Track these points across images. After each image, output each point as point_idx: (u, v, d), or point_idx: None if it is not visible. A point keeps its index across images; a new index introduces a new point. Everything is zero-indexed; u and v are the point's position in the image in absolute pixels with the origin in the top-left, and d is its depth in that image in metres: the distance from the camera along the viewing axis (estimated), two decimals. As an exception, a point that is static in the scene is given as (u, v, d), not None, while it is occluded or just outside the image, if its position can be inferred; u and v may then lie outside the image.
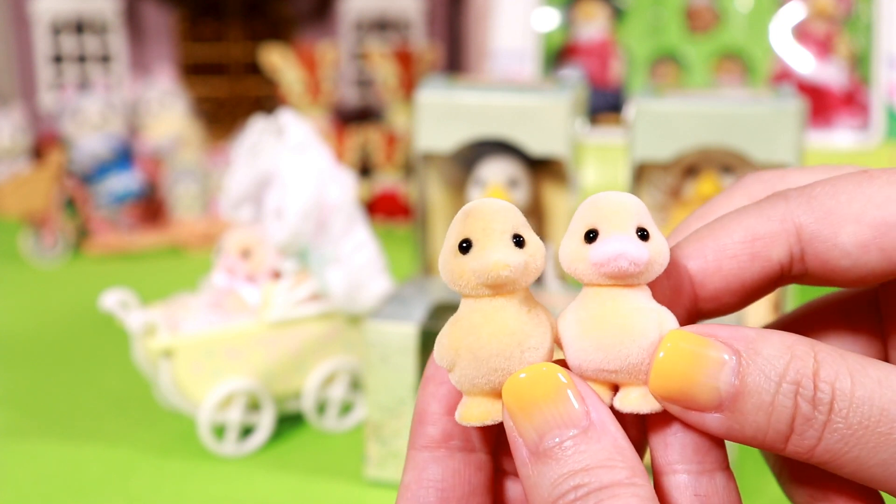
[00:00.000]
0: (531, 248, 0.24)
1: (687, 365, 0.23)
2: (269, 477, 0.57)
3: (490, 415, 0.24)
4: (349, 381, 0.62)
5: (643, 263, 0.23)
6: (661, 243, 0.24)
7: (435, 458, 0.25)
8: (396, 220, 1.08)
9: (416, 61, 1.11)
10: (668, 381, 0.23)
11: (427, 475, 0.25)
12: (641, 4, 1.04)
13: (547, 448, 0.22)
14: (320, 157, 0.61)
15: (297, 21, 1.33)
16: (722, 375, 0.22)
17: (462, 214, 0.24)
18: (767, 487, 0.55)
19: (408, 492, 0.25)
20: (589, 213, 0.24)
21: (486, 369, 0.23)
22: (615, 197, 0.24)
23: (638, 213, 0.24)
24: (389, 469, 0.55)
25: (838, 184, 0.24)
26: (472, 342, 0.24)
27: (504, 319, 0.24)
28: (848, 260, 0.24)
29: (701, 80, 1.02)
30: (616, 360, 0.23)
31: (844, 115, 1.00)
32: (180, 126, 1.07)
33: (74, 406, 0.66)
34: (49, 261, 0.96)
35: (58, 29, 1.27)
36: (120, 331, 0.67)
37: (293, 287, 0.61)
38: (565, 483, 0.22)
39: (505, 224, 0.24)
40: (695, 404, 0.23)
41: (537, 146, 0.62)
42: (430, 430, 0.25)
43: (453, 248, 0.24)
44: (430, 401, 0.25)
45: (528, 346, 0.23)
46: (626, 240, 0.23)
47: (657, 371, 0.23)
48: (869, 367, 0.22)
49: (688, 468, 0.24)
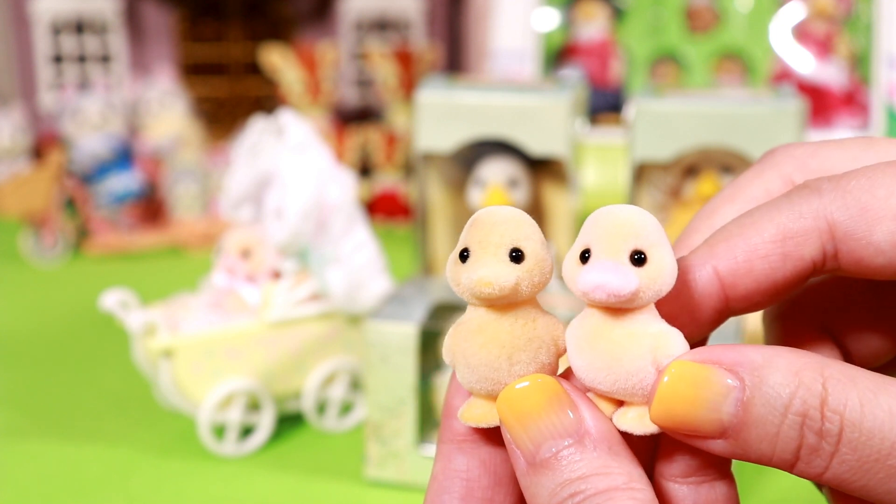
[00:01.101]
0: (529, 264, 0.23)
1: (689, 396, 0.22)
2: (269, 477, 0.57)
3: (487, 418, 0.24)
4: (349, 381, 0.62)
5: (626, 294, 0.22)
6: (659, 268, 0.22)
7: (461, 450, 0.25)
8: (396, 220, 1.08)
9: (416, 61, 1.11)
10: (670, 412, 0.22)
11: (453, 466, 0.25)
12: (641, 4, 1.04)
13: (543, 458, 0.23)
14: (320, 157, 0.61)
15: (297, 21, 1.33)
16: (725, 406, 0.22)
17: (470, 222, 0.24)
18: (768, 487, 0.55)
19: (435, 482, 0.25)
20: (588, 231, 0.23)
21: (477, 377, 0.24)
22: (616, 214, 0.23)
23: (637, 235, 0.23)
24: (389, 469, 0.55)
25: (875, 177, 0.23)
26: (465, 349, 0.24)
27: (496, 332, 0.24)
28: (883, 258, 0.23)
29: (701, 80, 1.02)
30: (606, 382, 0.23)
31: (844, 115, 1.00)
32: (180, 126, 1.07)
33: (74, 406, 0.66)
34: (49, 261, 0.96)
35: (58, 29, 1.27)
36: (120, 331, 0.67)
37: (293, 287, 0.61)
38: (563, 492, 0.22)
39: (502, 237, 0.23)
40: (698, 433, 0.22)
41: (537, 146, 0.62)
42: (455, 423, 0.25)
43: (455, 256, 0.24)
44: (455, 395, 0.26)
45: (517, 360, 0.23)
46: (611, 269, 0.22)
47: (659, 400, 0.22)
48: (881, 395, 0.21)
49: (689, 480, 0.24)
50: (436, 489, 0.25)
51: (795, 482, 0.42)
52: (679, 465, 0.24)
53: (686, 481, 0.24)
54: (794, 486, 0.56)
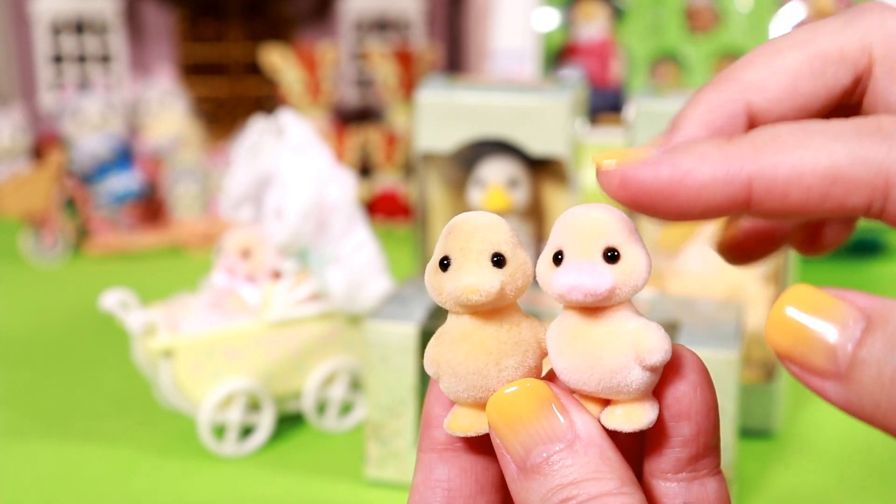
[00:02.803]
0: (511, 268, 0.23)
1: (806, 321, 0.21)
2: (269, 477, 0.57)
3: (474, 426, 0.24)
4: (349, 381, 0.62)
5: (602, 292, 0.22)
6: (633, 263, 0.22)
7: (441, 459, 0.25)
8: (396, 220, 1.08)
9: (416, 61, 1.11)
10: (783, 335, 0.21)
11: (434, 476, 0.25)
12: (641, 4, 1.04)
13: (534, 464, 0.23)
14: (320, 157, 0.61)
15: (297, 21, 1.33)
16: (841, 339, 0.20)
17: (446, 230, 0.24)
18: (767, 488, 0.55)
19: (416, 493, 0.25)
20: (558, 233, 0.23)
21: (464, 385, 0.24)
22: (585, 214, 0.23)
23: (607, 233, 0.23)
24: (389, 469, 0.55)
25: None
26: (451, 358, 0.24)
27: (481, 338, 0.23)
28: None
29: (701, 80, 1.02)
30: (590, 382, 0.23)
31: (844, 115, 0.99)
32: (180, 126, 1.07)
33: (74, 406, 0.66)
34: (49, 261, 0.96)
35: (58, 29, 1.27)
36: (120, 331, 0.67)
37: (293, 287, 0.61)
38: (554, 497, 0.22)
39: (483, 243, 0.23)
40: (810, 366, 0.21)
41: (537, 146, 0.62)
42: (436, 432, 0.25)
43: (435, 264, 0.24)
44: (435, 404, 0.25)
45: (505, 366, 0.23)
46: (585, 269, 0.22)
47: (774, 322, 0.21)
48: None
49: (679, 476, 0.24)
50: (417, 500, 0.25)
51: (797, 482, 0.42)
52: (668, 460, 0.24)
53: (676, 478, 0.24)
54: (796, 487, 0.56)
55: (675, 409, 0.24)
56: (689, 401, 0.24)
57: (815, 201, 0.21)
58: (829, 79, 0.24)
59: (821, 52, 0.24)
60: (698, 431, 0.24)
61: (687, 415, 0.24)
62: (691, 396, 0.24)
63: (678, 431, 0.24)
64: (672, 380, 0.24)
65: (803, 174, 0.21)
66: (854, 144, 0.21)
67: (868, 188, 0.21)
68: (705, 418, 0.24)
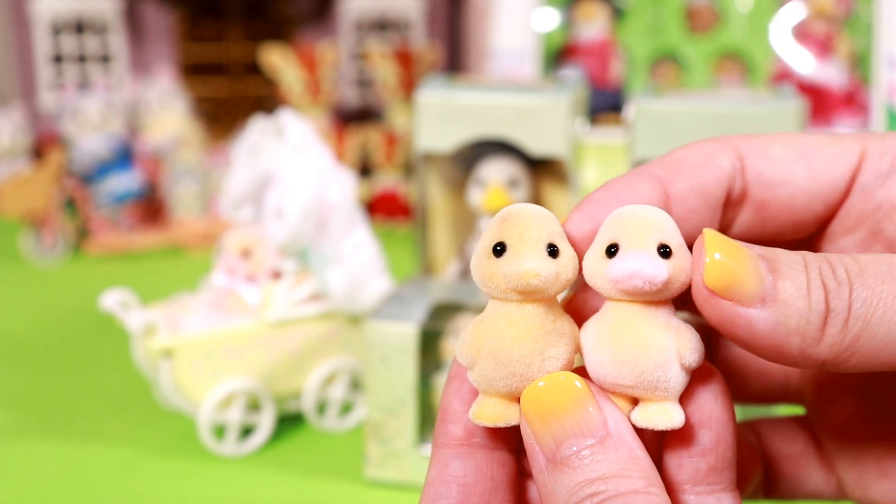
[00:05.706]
0: (563, 259, 0.24)
1: (735, 260, 0.23)
2: (269, 477, 0.57)
3: (503, 417, 0.24)
4: (349, 381, 0.62)
5: (659, 282, 0.23)
6: (683, 262, 0.23)
7: (458, 455, 0.25)
8: (396, 220, 1.08)
9: (416, 61, 1.11)
10: (721, 274, 0.23)
11: (450, 471, 0.25)
12: (641, 4, 1.04)
13: (564, 456, 0.23)
14: (320, 157, 0.61)
15: (297, 21, 1.33)
16: (762, 268, 0.23)
17: (499, 218, 0.24)
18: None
19: (430, 488, 0.25)
20: (612, 227, 0.24)
21: (504, 373, 0.24)
22: (639, 211, 0.24)
23: (661, 230, 0.23)
24: (389, 469, 0.55)
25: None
26: (494, 344, 0.24)
27: (529, 326, 0.24)
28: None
29: (701, 80, 1.02)
30: (631, 376, 0.23)
31: (844, 116, 1.00)
32: (180, 126, 1.07)
33: (74, 406, 0.66)
34: (49, 261, 0.96)
35: (58, 29, 1.27)
36: (120, 331, 0.67)
37: (293, 287, 0.61)
38: (582, 491, 0.22)
39: (541, 232, 0.24)
40: (743, 295, 0.23)
41: (537, 146, 0.62)
42: (453, 427, 0.25)
43: (487, 250, 0.24)
44: (453, 399, 0.25)
45: (548, 356, 0.24)
46: (644, 258, 0.23)
47: (711, 267, 0.23)
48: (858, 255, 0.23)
49: (696, 489, 0.24)
50: (431, 495, 0.25)
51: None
52: (687, 471, 0.24)
53: (695, 490, 0.24)
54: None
55: (696, 416, 0.24)
56: (711, 409, 0.24)
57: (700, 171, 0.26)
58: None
59: None
60: (718, 440, 0.24)
61: (708, 423, 0.24)
62: (713, 405, 0.24)
63: (698, 440, 0.24)
64: (694, 388, 0.24)
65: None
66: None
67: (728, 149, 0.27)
68: (725, 428, 0.24)
